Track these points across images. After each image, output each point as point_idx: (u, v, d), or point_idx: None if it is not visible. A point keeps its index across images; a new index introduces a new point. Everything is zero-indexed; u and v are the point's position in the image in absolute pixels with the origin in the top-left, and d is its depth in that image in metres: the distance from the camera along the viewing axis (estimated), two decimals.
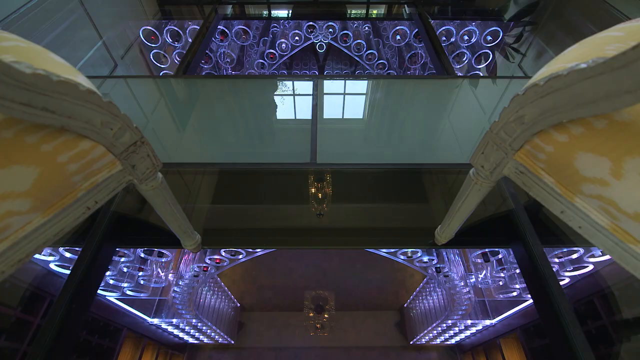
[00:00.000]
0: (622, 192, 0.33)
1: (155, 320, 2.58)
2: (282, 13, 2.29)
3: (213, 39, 2.14)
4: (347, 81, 1.16)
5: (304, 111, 1.03)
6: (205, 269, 1.80)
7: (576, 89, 0.34)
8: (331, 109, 1.03)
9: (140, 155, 0.46)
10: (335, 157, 0.91)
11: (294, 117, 1.01)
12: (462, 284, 1.87)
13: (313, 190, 0.88)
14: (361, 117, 1.02)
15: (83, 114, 0.37)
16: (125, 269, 1.64)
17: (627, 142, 0.33)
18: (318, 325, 3.43)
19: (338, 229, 0.86)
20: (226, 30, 2.39)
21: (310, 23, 2.37)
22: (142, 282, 1.80)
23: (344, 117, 1.01)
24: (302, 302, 3.58)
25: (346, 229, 0.86)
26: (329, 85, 1.14)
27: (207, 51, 2.08)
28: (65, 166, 0.37)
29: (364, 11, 2.29)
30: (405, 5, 2.03)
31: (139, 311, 2.38)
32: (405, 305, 3.68)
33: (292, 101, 1.07)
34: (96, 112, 0.38)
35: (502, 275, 1.71)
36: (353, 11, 2.19)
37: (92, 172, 0.41)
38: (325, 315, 3.65)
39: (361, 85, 1.16)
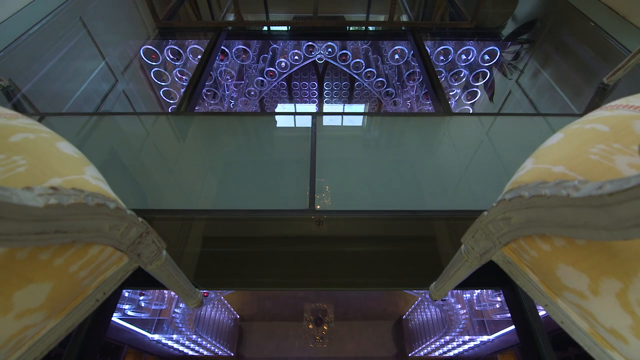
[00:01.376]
0: (599, 308, 0.36)
1: (156, 336, 2.60)
2: (282, 27, 2.31)
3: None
4: (346, 115, 1.18)
5: (302, 151, 1.05)
6: (205, 295, 1.82)
7: (558, 211, 0.36)
8: (331, 150, 1.05)
9: (146, 244, 0.48)
10: (336, 202, 0.93)
11: (291, 157, 1.03)
12: (459, 305, 1.89)
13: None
14: (361, 156, 1.04)
15: (93, 225, 0.39)
16: (127, 294, 1.66)
17: (605, 263, 0.35)
18: (317, 337, 3.45)
19: (336, 270, 0.88)
20: (226, 49, 2.42)
21: (310, 43, 2.39)
22: (143, 304, 1.82)
23: (344, 158, 1.04)
24: (302, 311, 3.60)
25: (344, 270, 0.88)
26: (329, 122, 1.16)
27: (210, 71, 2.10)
28: (76, 274, 0.40)
29: (362, 27, 2.30)
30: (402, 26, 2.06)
31: (139, 328, 2.40)
32: (404, 316, 3.70)
33: (289, 140, 1.09)
34: (105, 220, 0.40)
35: (498, 299, 1.74)
36: (352, 28, 2.21)
37: (100, 271, 0.43)
38: (325, 327, 3.68)
39: (359, 121, 1.18)
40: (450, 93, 2.45)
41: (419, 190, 0.94)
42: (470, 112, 1.90)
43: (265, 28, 2.15)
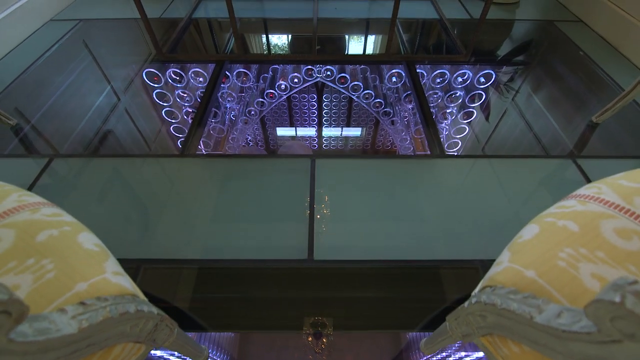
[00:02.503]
0: None
1: (158, 352, 2.65)
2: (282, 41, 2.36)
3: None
4: (346, 158, 1.22)
5: (299, 195, 1.10)
6: None
7: (523, 327, 0.41)
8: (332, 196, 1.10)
9: (160, 329, 0.53)
10: (336, 251, 0.98)
11: (288, 203, 1.08)
12: None
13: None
14: (360, 201, 1.09)
15: (118, 331, 0.44)
16: None
17: None
18: (317, 350, 3.50)
19: (332, 312, 0.93)
20: (227, 73, 2.47)
21: (309, 67, 2.44)
22: None
23: (344, 203, 1.08)
24: (302, 320, 3.63)
25: (340, 312, 0.92)
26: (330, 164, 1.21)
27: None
28: None
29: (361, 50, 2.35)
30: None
31: None
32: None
33: (286, 183, 1.14)
34: (127, 323, 0.45)
35: None
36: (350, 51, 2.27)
37: None
38: (324, 340, 3.72)
39: (362, 168, 1.22)
40: (447, 111, 2.50)
41: (415, 238, 0.99)
42: (466, 130, 1.95)
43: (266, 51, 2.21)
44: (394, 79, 2.56)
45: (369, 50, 2.23)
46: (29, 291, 0.45)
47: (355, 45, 2.37)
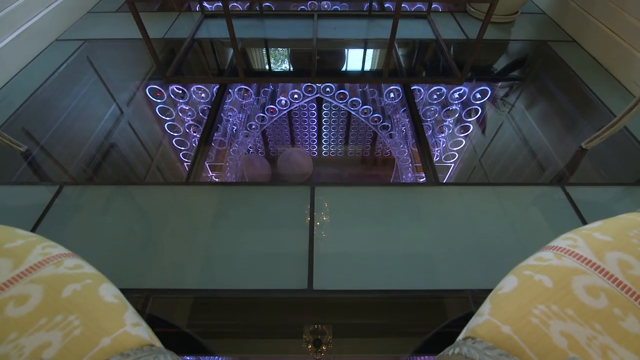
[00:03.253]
0: None
1: None
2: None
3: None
4: (345, 185, 1.28)
5: (299, 224, 1.15)
6: None
7: None
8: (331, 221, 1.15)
9: None
10: (335, 280, 1.03)
11: (288, 232, 1.13)
12: None
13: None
14: (360, 230, 1.14)
15: None
16: None
17: None
18: (317, 357, 3.54)
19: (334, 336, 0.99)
20: (229, 89, 2.53)
21: (309, 84, 2.50)
22: None
23: (343, 233, 1.13)
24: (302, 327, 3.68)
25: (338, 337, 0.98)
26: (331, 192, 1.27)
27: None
28: None
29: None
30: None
31: None
32: None
33: (286, 212, 1.19)
34: None
35: None
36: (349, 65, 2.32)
37: None
38: (323, 347, 3.77)
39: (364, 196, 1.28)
40: (444, 124, 2.56)
41: (408, 267, 1.05)
42: (463, 143, 2.00)
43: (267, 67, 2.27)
44: (391, 95, 2.62)
45: (368, 66, 2.29)
46: (60, 348, 0.50)
47: (354, 60, 2.42)
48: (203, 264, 1.08)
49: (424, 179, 1.47)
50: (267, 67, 2.16)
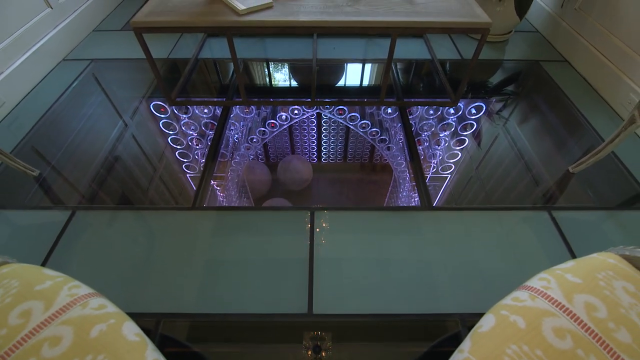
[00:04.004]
0: None
1: None
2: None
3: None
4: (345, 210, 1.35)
5: (300, 249, 1.22)
6: None
7: None
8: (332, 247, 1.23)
9: None
10: (335, 304, 1.10)
11: (289, 257, 1.20)
12: None
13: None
14: (359, 254, 1.21)
15: None
16: None
17: None
18: None
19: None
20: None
21: (308, 99, 2.58)
22: None
23: (343, 257, 1.21)
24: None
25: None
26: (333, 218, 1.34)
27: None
28: None
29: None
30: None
31: None
32: None
33: (287, 237, 1.26)
34: None
35: None
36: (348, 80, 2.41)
37: None
38: (323, 354, 3.83)
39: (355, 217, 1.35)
40: (440, 136, 2.63)
41: (401, 291, 1.12)
42: (459, 155, 2.07)
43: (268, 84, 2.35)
44: (389, 110, 2.69)
45: (366, 85, 2.37)
46: None
47: (352, 79, 2.50)
48: (208, 288, 1.16)
49: (418, 197, 1.55)
50: (268, 86, 2.23)
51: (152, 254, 1.24)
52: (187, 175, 1.75)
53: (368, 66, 2.45)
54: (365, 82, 2.41)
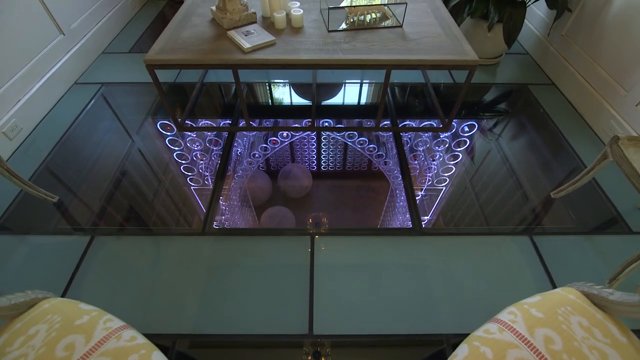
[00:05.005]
0: None
1: None
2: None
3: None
4: (345, 234, 1.47)
5: (301, 272, 1.34)
6: None
7: None
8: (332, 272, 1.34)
9: None
10: (334, 325, 1.22)
11: (291, 280, 1.32)
12: None
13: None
14: (359, 277, 1.33)
15: None
16: None
17: None
18: None
19: None
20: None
21: (308, 132, 2.70)
22: None
23: (343, 280, 1.32)
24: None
25: None
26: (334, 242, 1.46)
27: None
28: None
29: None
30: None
31: None
32: None
33: (288, 261, 1.38)
34: None
35: None
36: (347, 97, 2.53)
37: None
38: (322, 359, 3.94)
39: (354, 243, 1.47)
40: (435, 150, 2.75)
41: (393, 313, 1.24)
42: (446, 181, 2.17)
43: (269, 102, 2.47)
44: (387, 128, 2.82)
45: (363, 107, 2.49)
46: None
47: (350, 101, 2.63)
48: (217, 311, 1.28)
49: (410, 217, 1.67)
50: (270, 107, 2.36)
51: (166, 278, 1.36)
52: (197, 198, 1.87)
53: (365, 86, 2.58)
54: (363, 101, 2.54)
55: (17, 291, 1.10)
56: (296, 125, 2.31)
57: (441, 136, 2.25)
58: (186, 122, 2.13)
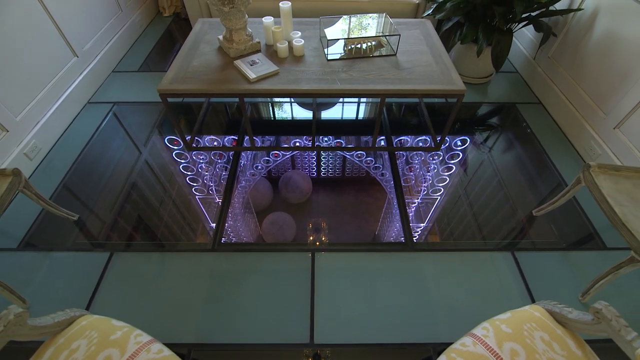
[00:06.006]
0: None
1: None
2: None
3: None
4: (343, 251, 1.61)
5: (302, 286, 1.48)
6: None
7: None
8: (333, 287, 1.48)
9: None
10: (333, 335, 1.36)
11: (293, 293, 1.46)
12: None
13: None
14: (359, 289, 1.47)
15: None
16: None
17: None
18: None
19: None
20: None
21: (309, 139, 2.84)
22: None
23: (343, 292, 1.46)
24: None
25: None
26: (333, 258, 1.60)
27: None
28: None
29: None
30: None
31: None
32: None
33: (290, 275, 1.52)
34: None
35: None
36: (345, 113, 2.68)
37: None
38: None
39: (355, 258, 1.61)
40: (430, 162, 2.89)
41: (386, 323, 1.39)
42: (437, 200, 2.30)
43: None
44: (382, 142, 2.96)
45: (361, 122, 2.64)
46: None
47: (348, 117, 2.77)
48: (226, 322, 1.42)
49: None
50: (273, 125, 2.50)
51: (179, 291, 1.50)
52: (205, 212, 2.01)
53: (362, 105, 2.72)
54: (360, 116, 2.68)
55: (45, 304, 1.26)
56: (297, 142, 2.44)
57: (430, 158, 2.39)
58: (196, 138, 2.27)
